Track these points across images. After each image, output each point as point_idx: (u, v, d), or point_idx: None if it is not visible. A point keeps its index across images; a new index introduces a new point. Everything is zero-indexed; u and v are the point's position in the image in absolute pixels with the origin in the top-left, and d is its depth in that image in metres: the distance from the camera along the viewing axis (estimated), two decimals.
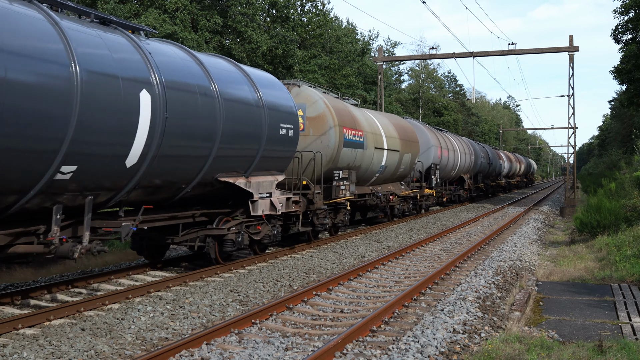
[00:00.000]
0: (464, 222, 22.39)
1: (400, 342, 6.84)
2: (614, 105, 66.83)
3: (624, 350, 6.43)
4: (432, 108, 60.79)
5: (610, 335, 7.27)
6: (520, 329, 7.55)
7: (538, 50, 30.78)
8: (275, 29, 29.54)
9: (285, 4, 30.41)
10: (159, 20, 22.84)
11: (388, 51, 56.90)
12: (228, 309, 8.61)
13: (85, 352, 6.49)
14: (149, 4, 24.30)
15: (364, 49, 45.55)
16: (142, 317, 8.04)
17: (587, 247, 15.63)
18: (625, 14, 27.60)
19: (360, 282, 10.91)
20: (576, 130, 31.02)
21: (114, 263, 12.98)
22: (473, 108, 78.41)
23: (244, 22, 26.44)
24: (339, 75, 36.34)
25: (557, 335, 7.37)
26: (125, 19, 22.41)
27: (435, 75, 67.29)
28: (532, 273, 12.35)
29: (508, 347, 6.56)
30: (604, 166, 53.27)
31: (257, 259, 12.71)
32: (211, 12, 25.98)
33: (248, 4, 27.42)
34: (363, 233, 18.73)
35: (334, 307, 8.95)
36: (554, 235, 20.61)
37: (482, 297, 9.34)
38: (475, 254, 14.46)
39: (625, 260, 12.36)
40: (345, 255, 14.04)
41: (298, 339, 7.15)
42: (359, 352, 6.61)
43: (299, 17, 33.58)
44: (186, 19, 24.59)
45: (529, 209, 31.37)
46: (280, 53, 29.23)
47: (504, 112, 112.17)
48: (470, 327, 7.57)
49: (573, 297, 9.74)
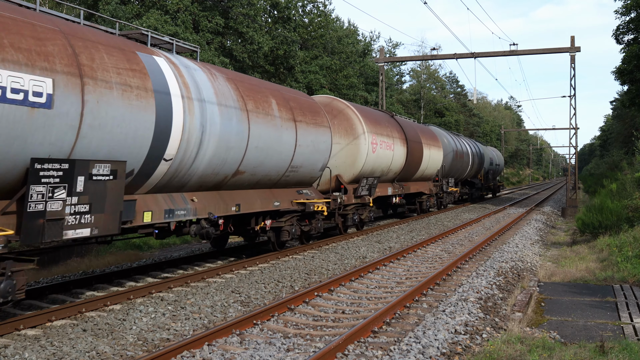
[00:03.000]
0: (465, 223, 22.37)
1: (401, 343, 6.83)
2: (616, 105, 66.76)
3: (626, 351, 6.41)
4: (434, 109, 60.77)
5: (612, 336, 7.26)
6: (522, 330, 7.54)
7: (539, 50, 30.75)
8: (277, 30, 29.55)
9: (287, 4, 30.42)
10: (160, 22, 22.87)
11: (389, 52, 56.90)
12: (229, 310, 8.61)
13: (87, 353, 6.50)
14: (151, 5, 24.33)
15: (366, 50, 45.56)
16: (143, 317, 8.05)
17: (588, 248, 15.61)
18: (627, 15, 27.57)
19: (362, 283, 10.91)
20: (578, 130, 30.99)
21: (115, 264, 13.01)
22: (474, 109, 78.41)
23: (246, 23, 26.46)
24: (341, 76, 36.35)
25: (558, 336, 7.36)
26: (126, 20, 22.41)
27: (436, 75, 67.31)
28: (533, 274, 12.34)
29: (509, 347, 6.56)
30: (605, 167, 53.19)
31: (258, 260, 12.74)
32: (213, 13, 26.00)
33: (249, 5, 27.44)
34: (365, 234, 18.74)
35: (335, 307, 8.95)
36: (556, 236, 20.59)
37: (483, 298, 9.34)
38: (476, 255, 14.45)
39: (627, 261, 12.34)
40: (346, 256, 14.05)
41: (299, 339, 7.15)
42: (360, 352, 6.61)
43: (300, 18, 33.59)
44: (187, 20, 24.61)
45: (530, 210, 31.37)
46: (282, 54, 29.24)
47: (505, 113, 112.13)
48: (472, 328, 7.56)
49: (574, 297, 9.73)
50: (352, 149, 17.45)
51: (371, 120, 18.55)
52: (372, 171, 18.38)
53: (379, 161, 18.73)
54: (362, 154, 17.42)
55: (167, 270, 12.03)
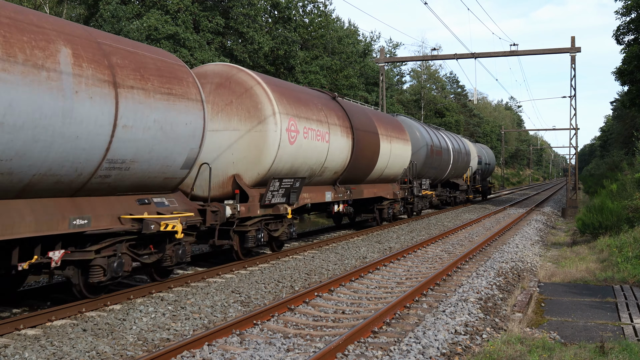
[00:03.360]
0: (466, 223, 22.37)
1: (401, 343, 6.84)
2: (616, 106, 66.78)
3: (626, 351, 6.41)
4: (434, 109, 60.80)
5: (612, 337, 7.26)
6: (522, 330, 7.54)
7: (540, 51, 30.75)
8: (277, 30, 29.55)
9: (287, 4, 30.43)
10: (160, 22, 22.87)
11: (390, 52, 56.91)
12: (229, 310, 8.61)
13: (87, 353, 6.50)
14: (151, 5, 24.34)
15: (366, 50, 45.57)
16: (143, 317, 8.05)
17: (588, 248, 15.61)
18: (627, 15, 27.57)
19: (362, 283, 10.91)
20: (578, 131, 31.00)
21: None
22: (475, 109, 78.44)
23: (246, 23, 26.46)
24: (341, 76, 36.35)
25: (558, 337, 7.36)
26: (127, 20, 22.41)
27: (437, 76, 67.31)
28: (533, 274, 12.34)
29: (509, 348, 6.56)
30: (605, 167, 53.23)
31: (258, 260, 12.73)
32: (213, 13, 26.01)
33: (250, 5, 27.45)
34: (365, 234, 18.72)
35: (335, 308, 8.95)
36: (556, 236, 20.58)
37: (483, 298, 9.34)
38: (477, 255, 14.45)
39: (627, 261, 12.34)
40: (347, 256, 14.05)
41: (299, 340, 7.15)
42: (360, 353, 6.61)
43: (300, 18, 33.60)
44: (188, 20, 24.62)
45: (530, 210, 31.37)
46: (282, 54, 29.24)
47: (505, 113, 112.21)
48: (472, 329, 7.56)
49: (575, 298, 9.73)
50: (256, 138, 12.18)
51: (290, 99, 13.25)
52: (293, 169, 13.39)
53: (305, 155, 13.65)
54: (272, 145, 12.23)
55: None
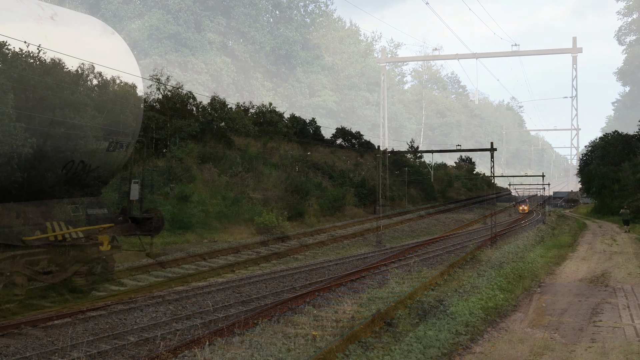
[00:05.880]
0: (466, 224, 22.34)
1: (402, 343, 6.82)
2: (617, 106, 66.73)
3: (626, 351, 6.41)
4: (435, 109, 60.78)
5: (612, 337, 7.25)
6: (523, 330, 7.53)
7: (541, 51, 30.73)
8: (279, 30, 29.56)
9: (289, 5, 30.45)
10: (162, 21, 22.89)
11: (391, 52, 56.95)
12: (231, 310, 8.61)
13: (88, 352, 6.50)
14: (153, 5, 24.36)
15: (367, 50, 45.60)
16: (144, 317, 8.05)
17: (589, 249, 15.60)
18: (629, 16, 27.56)
19: (363, 283, 10.91)
20: (579, 131, 30.97)
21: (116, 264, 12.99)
22: (476, 109, 78.42)
23: (247, 23, 26.47)
24: (342, 76, 36.36)
25: (559, 337, 7.35)
26: (128, 20, 22.42)
27: (438, 76, 67.34)
28: (535, 274, 12.32)
29: (510, 348, 6.55)
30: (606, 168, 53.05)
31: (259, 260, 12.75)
32: (214, 13, 26.01)
33: (251, 5, 27.46)
34: None
35: (335, 308, 8.94)
36: (557, 236, 20.57)
37: (484, 298, 9.31)
38: (477, 255, 14.43)
39: (628, 261, 12.33)
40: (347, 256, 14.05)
41: (300, 339, 7.14)
42: (360, 353, 6.60)
43: (302, 18, 33.60)
44: (189, 20, 24.63)
45: (531, 210, 31.35)
46: (284, 54, 29.25)
47: (507, 114, 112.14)
48: (473, 329, 7.55)
49: (575, 298, 9.71)
50: None
51: None
52: None
53: None
54: None
55: (169, 270, 12.03)
